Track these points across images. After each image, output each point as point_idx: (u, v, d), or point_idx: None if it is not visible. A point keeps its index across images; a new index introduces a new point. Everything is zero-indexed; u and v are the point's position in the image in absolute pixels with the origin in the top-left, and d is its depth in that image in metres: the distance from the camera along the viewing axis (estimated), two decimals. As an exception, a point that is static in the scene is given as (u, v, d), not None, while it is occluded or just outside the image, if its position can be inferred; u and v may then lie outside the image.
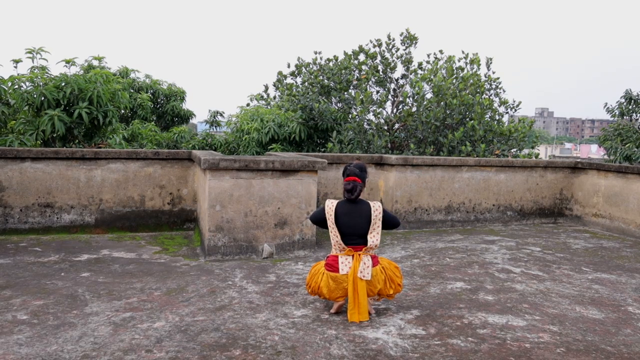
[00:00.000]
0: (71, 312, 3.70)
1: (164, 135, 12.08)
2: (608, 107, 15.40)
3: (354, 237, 3.77)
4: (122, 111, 11.66)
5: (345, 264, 3.73)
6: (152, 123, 13.41)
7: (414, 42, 12.59)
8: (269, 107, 13.50)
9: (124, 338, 3.29)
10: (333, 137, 10.07)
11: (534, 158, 11.15)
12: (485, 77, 12.24)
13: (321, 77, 12.37)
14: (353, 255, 3.74)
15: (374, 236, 3.77)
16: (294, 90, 12.46)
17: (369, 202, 3.85)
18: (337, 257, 3.78)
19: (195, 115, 16.04)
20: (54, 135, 7.66)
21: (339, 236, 3.76)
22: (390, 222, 3.88)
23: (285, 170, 5.55)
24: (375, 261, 3.80)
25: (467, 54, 12.16)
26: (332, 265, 3.76)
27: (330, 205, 3.83)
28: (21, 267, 4.79)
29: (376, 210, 3.78)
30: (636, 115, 15.23)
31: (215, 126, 14.78)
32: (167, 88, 15.43)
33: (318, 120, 10.63)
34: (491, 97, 12.07)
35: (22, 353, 3.04)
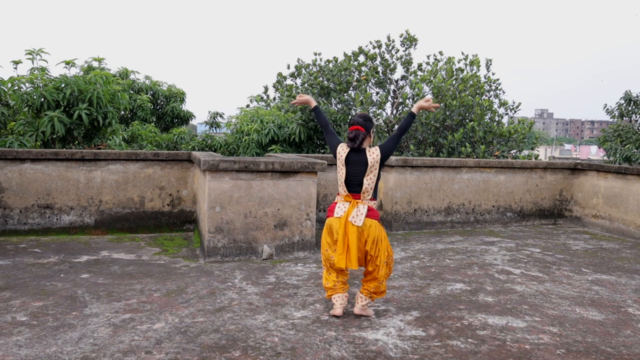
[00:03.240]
0: (71, 314, 3.70)
1: (164, 136, 12.08)
2: (608, 108, 15.40)
3: (354, 184, 3.82)
4: (122, 112, 11.66)
5: (341, 208, 3.80)
6: (152, 124, 13.41)
7: (414, 43, 12.59)
8: (268, 108, 13.50)
9: (124, 339, 3.29)
10: (333, 139, 10.05)
11: (533, 159, 11.15)
12: (485, 78, 12.24)
13: (321, 79, 12.37)
14: (351, 202, 3.79)
15: (371, 179, 3.80)
16: (294, 91, 12.46)
17: (369, 148, 3.87)
18: (336, 203, 3.87)
19: (195, 117, 16.04)
20: (54, 136, 7.66)
21: (343, 178, 3.84)
22: (390, 143, 3.86)
23: (285, 171, 5.55)
24: (371, 213, 3.78)
25: (467, 55, 12.17)
26: (331, 210, 3.85)
27: (343, 147, 3.87)
28: (20, 269, 4.78)
29: (372, 153, 3.80)
30: (636, 116, 15.23)
31: (215, 127, 14.78)
32: (167, 89, 15.43)
33: (318, 122, 10.61)
34: (491, 99, 12.07)
35: (21, 354, 3.03)
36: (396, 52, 12.60)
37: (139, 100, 13.65)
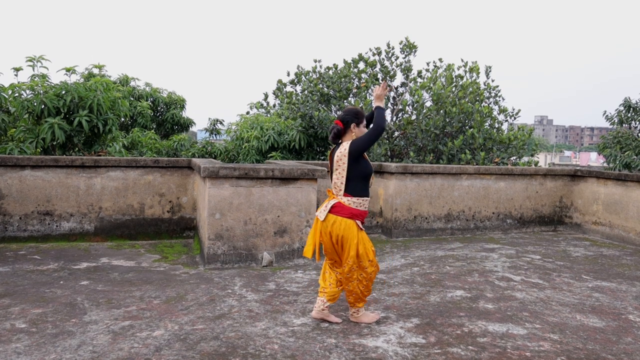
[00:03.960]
0: (70, 321, 3.69)
1: (164, 143, 12.09)
2: (607, 115, 15.40)
3: (332, 179, 3.84)
4: (122, 119, 11.67)
5: (323, 202, 3.86)
6: (152, 131, 13.42)
7: (414, 50, 12.65)
8: (268, 115, 13.53)
9: (123, 347, 3.28)
10: (333, 145, 10.08)
11: (533, 166, 11.16)
12: (485, 85, 12.28)
13: (321, 86, 12.41)
14: (329, 197, 3.81)
15: (339, 173, 3.70)
16: (294, 98, 12.49)
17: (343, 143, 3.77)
18: None
19: (195, 124, 16.07)
20: (54, 143, 7.67)
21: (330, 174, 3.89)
22: (362, 137, 3.66)
23: (285, 178, 5.55)
24: (337, 210, 3.66)
25: (467, 62, 12.22)
26: None
27: (332, 148, 3.88)
28: (20, 275, 4.78)
29: (342, 147, 3.71)
30: (635, 123, 15.24)
31: (215, 134, 14.80)
32: (167, 96, 15.46)
33: (318, 129, 10.65)
34: (490, 105, 12.10)
35: (20, 362, 3.03)
36: (396, 59, 12.65)
37: (139, 107, 13.68)
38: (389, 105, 12.46)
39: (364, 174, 3.73)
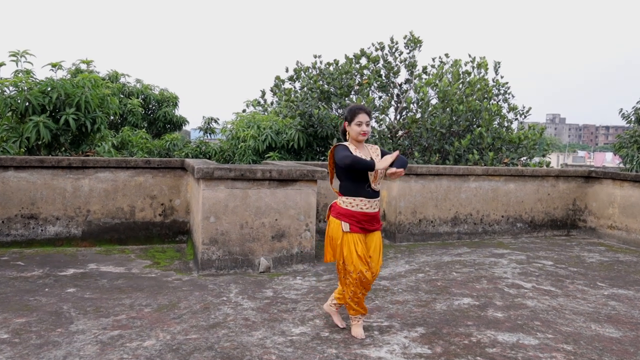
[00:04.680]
0: (55, 331, 3.69)
1: (156, 142, 12.10)
2: (623, 113, 15.42)
3: None
4: (112, 117, 11.68)
5: None
6: (143, 130, 13.44)
7: (418, 45, 12.64)
8: (266, 113, 13.54)
9: (112, 358, 3.27)
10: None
11: (545, 167, 11.16)
12: (493, 81, 12.28)
13: (321, 82, 12.41)
14: None
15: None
16: (293, 95, 12.49)
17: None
18: None
19: (188, 122, 16.08)
20: (39, 142, 7.67)
21: None
22: (335, 153, 3.68)
23: (283, 179, 5.55)
24: (331, 209, 3.83)
25: (474, 57, 12.22)
26: None
27: None
28: (2, 283, 4.77)
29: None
30: (653, 122, 15.25)
31: (210, 133, 14.83)
32: (159, 93, 15.48)
33: (317, 127, 10.65)
34: (499, 103, 12.10)
35: (3, 374, 3.02)
36: (400, 55, 12.65)
37: (130, 105, 13.68)
38: (392, 103, 12.47)
39: (353, 175, 3.68)
